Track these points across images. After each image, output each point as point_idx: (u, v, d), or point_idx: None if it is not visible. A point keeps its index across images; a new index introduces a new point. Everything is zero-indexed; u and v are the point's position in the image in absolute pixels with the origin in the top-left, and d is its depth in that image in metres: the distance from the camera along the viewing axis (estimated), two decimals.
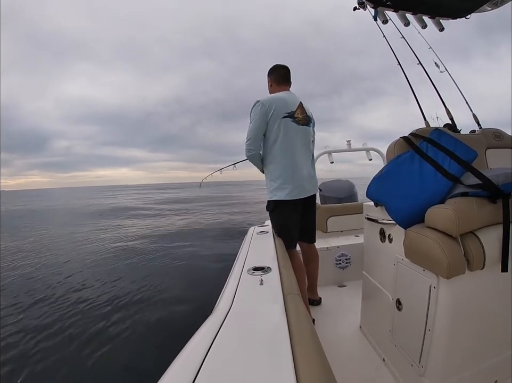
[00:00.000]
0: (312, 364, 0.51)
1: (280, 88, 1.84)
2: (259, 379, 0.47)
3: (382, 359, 1.39)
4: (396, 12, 1.97)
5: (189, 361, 0.52)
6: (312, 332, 0.63)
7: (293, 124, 1.72)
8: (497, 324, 1.10)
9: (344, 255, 2.48)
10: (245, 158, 1.86)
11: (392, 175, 1.30)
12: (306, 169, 1.78)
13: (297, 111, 1.75)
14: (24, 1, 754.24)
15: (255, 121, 1.69)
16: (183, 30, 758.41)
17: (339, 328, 1.76)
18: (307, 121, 1.81)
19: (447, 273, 0.94)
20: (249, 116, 1.74)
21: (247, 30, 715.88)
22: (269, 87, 1.90)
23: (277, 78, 1.86)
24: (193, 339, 0.62)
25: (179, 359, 0.55)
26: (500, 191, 0.99)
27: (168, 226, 10.38)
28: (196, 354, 0.54)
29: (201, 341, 0.59)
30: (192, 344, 0.60)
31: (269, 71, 1.90)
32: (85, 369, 2.33)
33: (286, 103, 1.72)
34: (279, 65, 1.89)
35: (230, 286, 0.93)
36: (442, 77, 2.02)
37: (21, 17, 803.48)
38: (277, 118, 1.68)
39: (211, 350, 0.55)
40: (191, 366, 0.50)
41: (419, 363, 1.09)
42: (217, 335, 0.61)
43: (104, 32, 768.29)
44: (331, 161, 3.27)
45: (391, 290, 1.30)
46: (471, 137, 1.50)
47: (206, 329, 0.65)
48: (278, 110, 1.68)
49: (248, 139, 1.74)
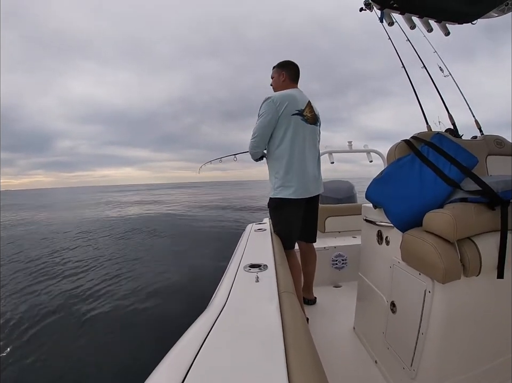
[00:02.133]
0: (304, 363, 0.51)
1: (291, 85, 1.80)
2: (251, 375, 0.47)
3: (374, 361, 1.40)
4: (402, 15, 1.96)
5: (182, 355, 0.52)
6: (306, 331, 0.63)
7: (302, 122, 1.69)
8: (492, 330, 1.11)
9: (340, 255, 2.48)
10: (246, 150, 1.83)
11: (392, 177, 1.30)
12: (312, 169, 1.75)
13: (306, 109, 1.72)
14: None
15: (265, 117, 1.64)
16: (189, 28, 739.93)
17: (333, 328, 1.77)
18: (315, 120, 1.79)
19: (443, 277, 0.94)
20: (258, 112, 1.69)
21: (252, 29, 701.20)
22: (281, 81, 1.82)
23: (292, 74, 1.82)
24: (187, 333, 0.62)
25: (172, 353, 0.55)
26: (499, 198, 0.99)
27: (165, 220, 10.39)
28: (189, 349, 0.54)
29: (195, 336, 0.59)
30: (186, 339, 0.60)
31: (279, 64, 1.84)
32: (76, 364, 2.33)
33: (296, 100, 1.68)
34: (291, 61, 1.84)
35: (226, 283, 0.93)
36: (446, 81, 2.02)
37: (25, 15, 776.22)
38: (287, 115, 1.64)
39: (204, 345, 0.55)
40: (184, 360, 0.50)
41: (411, 366, 1.09)
42: (211, 330, 0.61)
43: (108, 30, 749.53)
44: (332, 161, 3.26)
45: (387, 292, 1.30)
46: (472, 143, 1.50)
47: (200, 324, 0.65)
48: (289, 107, 1.64)
49: (254, 136, 1.69)
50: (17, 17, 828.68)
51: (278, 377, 0.46)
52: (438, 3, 1.82)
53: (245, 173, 56.59)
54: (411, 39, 2.09)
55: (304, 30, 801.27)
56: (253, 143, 1.72)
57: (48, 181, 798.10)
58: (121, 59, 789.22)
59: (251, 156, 1.81)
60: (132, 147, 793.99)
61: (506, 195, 0.99)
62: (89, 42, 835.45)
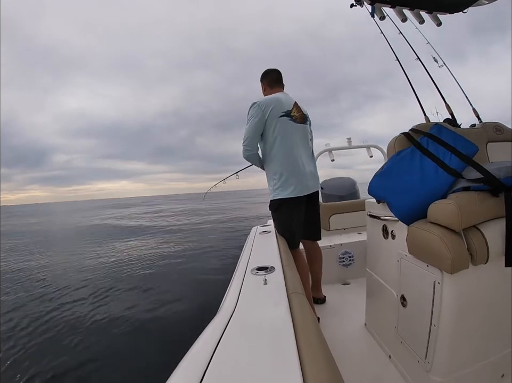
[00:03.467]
0: (318, 363, 0.51)
1: (274, 91, 1.86)
2: (266, 379, 0.48)
3: (388, 356, 1.39)
4: (393, 8, 1.96)
5: (196, 361, 0.53)
6: (317, 331, 0.63)
7: (291, 122, 1.73)
8: (502, 318, 1.10)
9: (347, 252, 2.48)
10: (245, 165, 1.85)
11: (393, 171, 1.30)
12: (307, 166, 1.78)
13: (293, 110, 1.76)
14: (21, 17, 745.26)
15: (252, 120, 1.70)
16: (179, 42, 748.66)
17: (344, 326, 1.76)
18: (304, 119, 1.82)
19: (451, 268, 0.94)
20: (246, 118, 1.74)
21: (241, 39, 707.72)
22: (263, 91, 1.93)
23: (270, 82, 1.89)
24: (199, 339, 0.62)
25: (186, 359, 0.55)
26: (502, 185, 0.99)
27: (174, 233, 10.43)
28: (202, 354, 0.54)
29: (207, 341, 0.59)
30: (198, 345, 0.60)
31: (261, 76, 1.94)
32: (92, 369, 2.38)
33: (281, 103, 1.73)
34: (270, 69, 1.92)
35: (234, 287, 0.93)
36: (441, 73, 2.01)
37: (18, 32, 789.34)
38: (274, 117, 1.69)
39: (217, 350, 0.55)
40: (198, 366, 0.50)
41: (425, 359, 1.09)
42: (223, 335, 0.61)
43: (101, 45, 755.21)
44: (332, 159, 3.26)
45: (396, 286, 1.30)
46: (471, 131, 1.49)
47: (211, 329, 0.65)
48: (274, 110, 1.68)
49: (245, 139, 1.74)
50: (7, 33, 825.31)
51: (293, 378, 0.46)
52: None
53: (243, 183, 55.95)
54: (403, 32, 2.09)
55: (293, 38, 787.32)
56: (245, 146, 1.76)
57: (44, 195, 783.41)
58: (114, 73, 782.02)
59: (248, 160, 1.84)
60: (127, 159, 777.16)
61: (508, 181, 0.99)
62: (81, 57, 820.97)
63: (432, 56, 2.03)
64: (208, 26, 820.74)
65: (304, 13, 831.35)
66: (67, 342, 2.82)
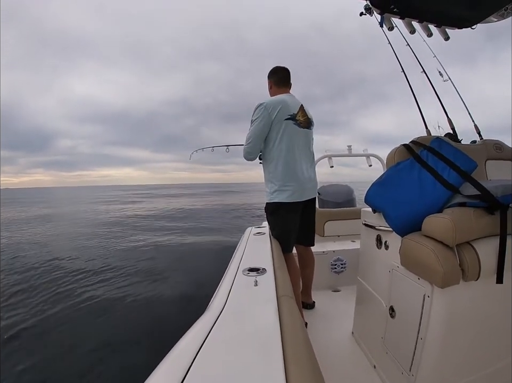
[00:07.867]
0: (302, 367, 0.50)
1: (281, 90, 1.83)
2: (249, 380, 0.47)
3: (373, 366, 1.39)
4: (402, 19, 1.97)
5: (179, 359, 0.52)
6: (304, 335, 0.62)
7: (295, 126, 1.71)
8: (492, 334, 1.10)
9: (339, 259, 2.48)
10: (240, 143, 1.82)
11: (391, 182, 1.30)
12: (307, 172, 1.77)
13: (299, 113, 1.74)
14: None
15: (258, 123, 1.67)
16: (191, 31, 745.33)
17: (331, 333, 1.76)
18: (308, 123, 1.80)
19: (442, 282, 0.94)
20: (251, 118, 1.72)
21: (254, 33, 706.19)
22: (269, 89, 1.89)
23: (277, 80, 1.85)
24: (185, 336, 0.62)
25: (169, 357, 0.54)
26: (498, 203, 0.99)
27: None
28: (187, 352, 0.54)
29: (193, 339, 0.59)
30: (184, 342, 0.60)
31: (269, 73, 1.89)
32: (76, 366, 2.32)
33: (288, 105, 1.70)
34: (279, 67, 1.88)
35: (225, 286, 0.92)
36: (445, 85, 2.02)
37: (25, 15, 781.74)
38: (280, 120, 1.67)
39: (202, 348, 0.55)
40: (181, 364, 0.50)
41: (410, 371, 1.09)
42: (209, 334, 0.61)
43: (111, 30, 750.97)
44: (331, 165, 3.27)
45: (385, 297, 1.30)
46: (471, 147, 1.50)
47: (198, 327, 0.65)
48: (281, 113, 1.66)
49: (249, 142, 1.71)
50: (16, 17, 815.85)
51: (276, 381, 0.46)
52: (438, 8, 1.83)
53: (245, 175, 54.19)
54: (411, 43, 2.10)
55: (305, 34, 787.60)
56: (247, 149, 1.73)
57: (47, 179, 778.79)
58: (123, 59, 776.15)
59: (245, 158, 1.81)
60: (131, 147, 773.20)
61: (505, 199, 0.99)
62: (91, 41, 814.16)
63: (438, 70, 2.05)
64: (220, 18, 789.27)
65: (316, 12, 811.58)
66: None
